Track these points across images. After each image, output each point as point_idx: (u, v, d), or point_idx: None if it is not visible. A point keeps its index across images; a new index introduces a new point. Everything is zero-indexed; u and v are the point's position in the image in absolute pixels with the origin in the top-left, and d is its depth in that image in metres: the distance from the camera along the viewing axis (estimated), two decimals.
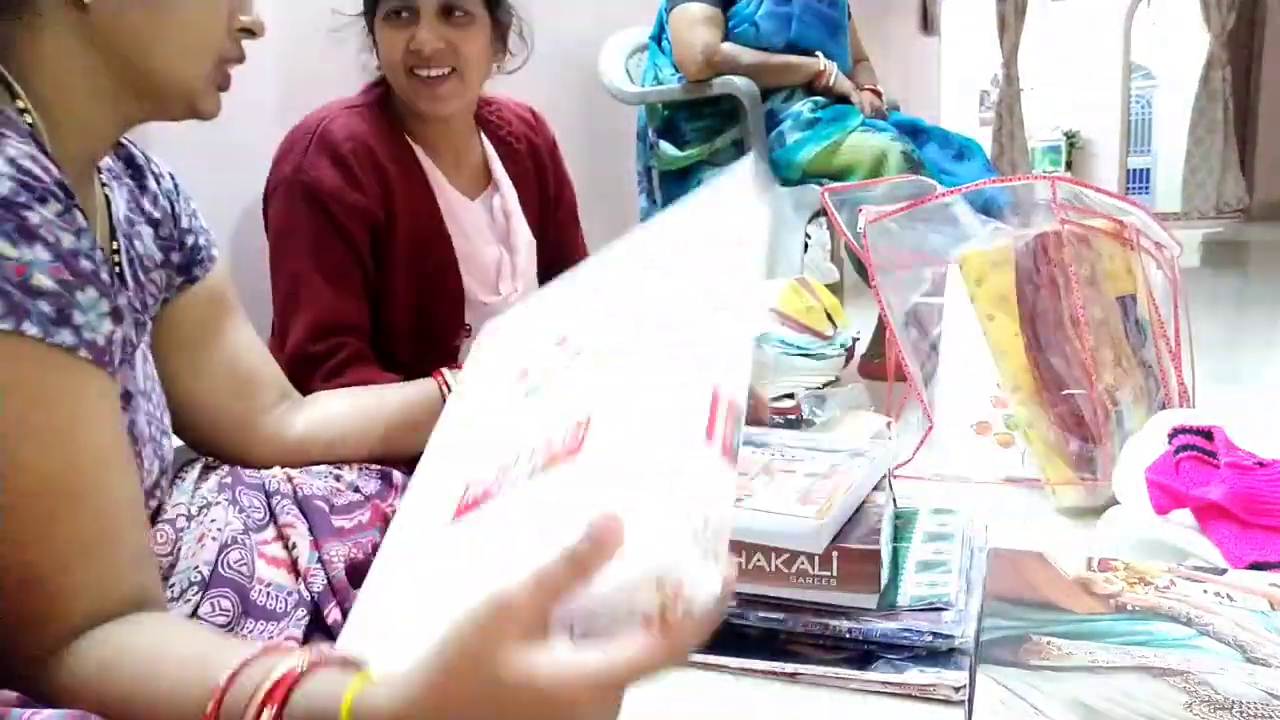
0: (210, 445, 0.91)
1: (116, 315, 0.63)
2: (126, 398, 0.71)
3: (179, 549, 0.75)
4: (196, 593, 0.72)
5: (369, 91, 1.27)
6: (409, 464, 0.89)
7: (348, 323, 1.16)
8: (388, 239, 1.20)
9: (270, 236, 1.20)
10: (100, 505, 0.61)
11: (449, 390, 0.94)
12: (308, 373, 1.12)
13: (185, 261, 0.87)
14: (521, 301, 0.76)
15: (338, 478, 0.88)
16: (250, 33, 0.75)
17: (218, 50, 0.72)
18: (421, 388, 0.97)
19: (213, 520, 0.78)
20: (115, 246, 0.76)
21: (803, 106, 2.24)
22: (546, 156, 1.41)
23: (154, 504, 0.76)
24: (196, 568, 0.74)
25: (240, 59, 0.75)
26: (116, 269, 0.75)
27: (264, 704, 0.50)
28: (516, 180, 1.37)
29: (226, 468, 0.86)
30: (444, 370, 0.99)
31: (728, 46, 2.24)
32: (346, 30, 1.30)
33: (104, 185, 0.77)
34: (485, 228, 1.32)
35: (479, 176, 1.34)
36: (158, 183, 0.85)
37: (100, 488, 0.61)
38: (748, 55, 2.23)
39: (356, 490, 0.88)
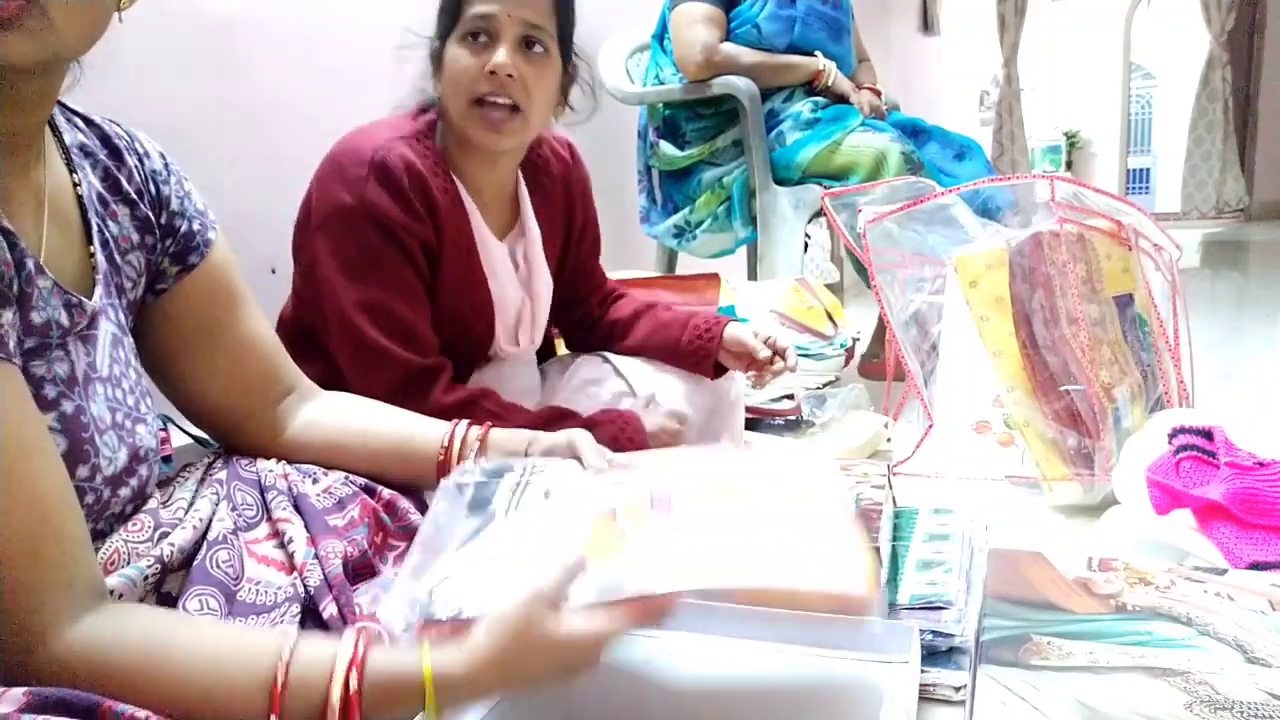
0: (213, 435, 0.90)
1: (2, 299, 0.60)
2: (71, 383, 0.69)
3: (158, 535, 0.74)
4: (154, 567, 0.71)
5: (415, 118, 1.23)
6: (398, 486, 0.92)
7: (435, 343, 1.18)
8: (435, 274, 1.19)
9: (327, 263, 1.15)
10: (30, 495, 0.58)
11: (454, 442, 0.94)
12: (427, 387, 1.14)
13: (179, 250, 0.83)
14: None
15: (324, 475, 0.88)
16: None
17: None
18: (428, 431, 0.95)
19: (195, 511, 0.78)
20: (88, 228, 0.74)
21: (803, 106, 2.23)
22: (577, 193, 1.39)
23: (126, 491, 0.74)
24: (171, 545, 0.73)
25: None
26: (90, 252, 0.74)
27: (349, 670, 0.59)
28: (544, 214, 1.35)
29: (224, 467, 0.86)
30: (469, 425, 0.96)
31: (727, 46, 2.23)
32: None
33: (71, 168, 0.74)
34: (510, 270, 1.30)
35: (508, 215, 1.32)
36: (141, 162, 0.81)
37: (23, 477, 0.58)
38: (747, 55, 2.23)
39: (346, 483, 0.88)
